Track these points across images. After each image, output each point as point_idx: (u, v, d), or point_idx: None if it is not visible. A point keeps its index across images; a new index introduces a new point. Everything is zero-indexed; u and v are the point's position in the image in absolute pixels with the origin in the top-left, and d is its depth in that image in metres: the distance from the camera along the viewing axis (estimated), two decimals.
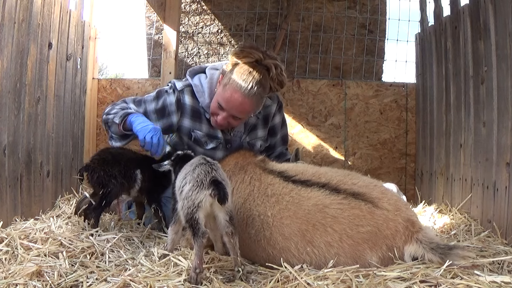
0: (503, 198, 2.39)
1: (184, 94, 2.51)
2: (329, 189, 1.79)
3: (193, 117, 2.52)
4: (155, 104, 2.50)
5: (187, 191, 1.66)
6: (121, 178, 2.24)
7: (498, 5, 2.51)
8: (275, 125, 2.74)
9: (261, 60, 2.34)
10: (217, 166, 1.74)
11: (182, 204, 1.68)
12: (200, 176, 1.66)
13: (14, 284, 1.54)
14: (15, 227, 2.22)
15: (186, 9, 4.31)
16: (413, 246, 1.68)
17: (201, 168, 1.69)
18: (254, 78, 2.29)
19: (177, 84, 2.53)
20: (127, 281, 1.56)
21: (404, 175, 4.03)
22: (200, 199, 1.63)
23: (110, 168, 2.23)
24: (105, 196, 2.20)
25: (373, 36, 4.30)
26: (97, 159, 2.28)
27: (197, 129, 2.53)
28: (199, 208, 1.62)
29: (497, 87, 2.53)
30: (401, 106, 4.05)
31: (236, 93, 2.29)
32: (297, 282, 1.55)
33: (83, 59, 3.64)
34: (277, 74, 2.37)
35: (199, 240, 1.60)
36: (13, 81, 2.48)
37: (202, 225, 1.62)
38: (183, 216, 1.68)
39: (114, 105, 2.50)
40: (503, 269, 1.78)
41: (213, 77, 2.51)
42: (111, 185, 2.20)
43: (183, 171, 1.78)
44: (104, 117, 2.47)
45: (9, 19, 2.40)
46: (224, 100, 2.33)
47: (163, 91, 2.53)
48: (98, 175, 2.21)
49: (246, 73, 2.29)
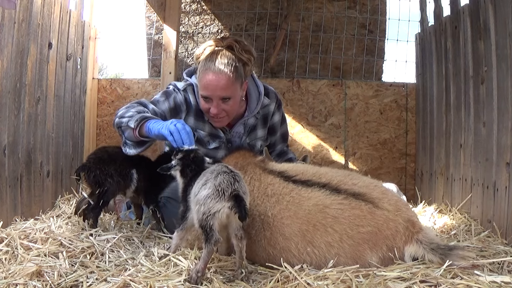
0: (503, 198, 2.39)
1: (188, 93, 2.50)
2: (329, 189, 1.79)
3: (197, 116, 2.51)
4: (168, 103, 2.44)
5: (205, 196, 1.60)
6: (117, 176, 2.24)
7: (498, 5, 2.51)
8: (275, 123, 2.74)
9: (219, 42, 2.39)
10: (239, 177, 1.68)
11: (197, 208, 1.63)
12: (222, 186, 1.59)
13: (14, 284, 1.54)
14: (15, 227, 2.21)
15: (186, 9, 4.31)
16: (413, 246, 1.68)
17: (223, 176, 1.63)
18: (219, 54, 2.31)
19: (179, 84, 2.53)
20: (127, 281, 1.56)
21: (404, 175, 4.03)
22: (217, 208, 1.58)
23: (106, 167, 2.22)
24: (102, 195, 2.19)
25: (373, 36, 4.30)
26: (93, 158, 2.28)
27: (200, 129, 2.52)
28: (215, 217, 1.58)
29: (497, 87, 2.53)
30: (401, 106, 4.05)
31: (208, 74, 2.30)
32: (297, 282, 1.54)
33: (83, 59, 3.64)
34: (241, 47, 2.39)
35: (210, 246, 1.57)
36: (13, 81, 2.48)
37: (216, 232, 1.58)
38: (196, 220, 1.64)
39: (129, 108, 2.29)
40: (503, 269, 1.78)
41: None
42: (107, 184, 2.20)
43: (202, 177, 1.70)
44: (116, 120, 2.24)
45: (9, 19, 2.40)
46: (203, 88, 2.33)
47: (171, 91, 2.50)
48: (94, 174, 2.20)
49: (209, 55, 2.33)
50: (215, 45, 2.38)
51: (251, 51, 2.44)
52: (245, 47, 2.42)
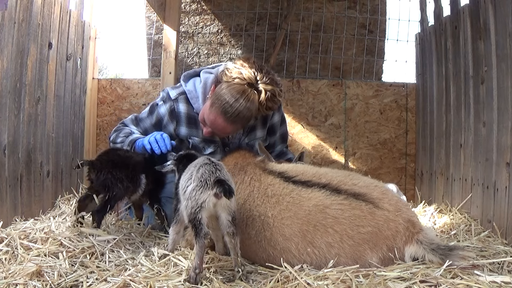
0: (503, 198, 2.39)
1: (178, 102, 2.52)
2: (329, 189, 1.79)
3: (189, 124, 2.54)
4: (150, 119, 2.57)
5: (190, 190, 1.66)
6: (127, 182, 2.18)
7: (498, 5, 2.51)
8: (274, 123, 2.73)
9: (254, 83, 2.29)
10: (221, 166, 1.74)
11: (185, 204, 1.68)
12: (204, 176, 1.65)
13: (14, 284, 1.54)
14: (15, 227, 2.21)
15: (186, 9, 4.31)
16: (413, 246, 1.68)
17: (205, 168, 1.69)
18: (241, 105, 2.25)
19: (171, 92, 2.54)
20: (127, 281, 1.56)
21: (404, 175, 4.03)
22: (204, 199, 1.62)
23: (118, 172, 2.14)
24: (110, 200, 2.12)
25: (373, 36, 4.30)
26: (105, 160, 2.19)
27: (193, 136, 2.54)
28: (203, 208, 1.62)
29: (497, 87, 2.53)
30: (401, 106, 4.05)
31: (220, 117, 2.28)
32: (297, 282, 1.55)
33: (83, 59, 3.64)
34: (267, 100, 2.31)
35: (201, 241, 1.60)
36: (13, 81, 2.48)
37: (205, 225, 1.62)
38: (186, 215, 1.69)
39: (118, 132, 2.56)
40: (503, 269, 1.78)
41: (207, 81, 2.49)
42: (116, 188, 2.12)
43: (187, 171, 1.78)
44: (111, 145, 2.56)
45: (9, 19, 2.40)
46: (208, 120, 2.34)
47: (155, 105, 2.58)
48: (105, 177, 2.12)
49: (234, 99, 2.24)
50: (247, 84, 2.28)
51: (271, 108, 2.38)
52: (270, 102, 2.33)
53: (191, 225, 1.64)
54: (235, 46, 4.34)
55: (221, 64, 2.59)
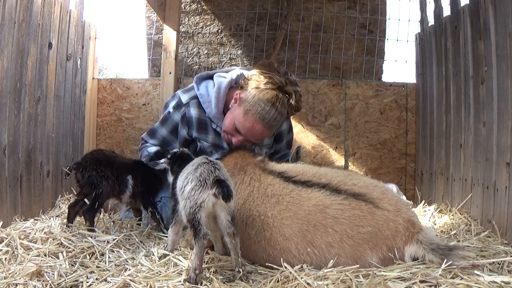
0: (503, 198, 2.39)
1: (190, 107, 2.52)
2: (329, 189, 1.79)
3: (199, 129, 2.54)
4: (166, 127, 2.60)
5: (189, 190, 1.64)
6: (113, 180, 2.22)
7: (498, 5, 2.51)
8: (282, 131, 2.74)
9: (283, 86, 2.33)
10: (220, 165, 1.73)
11: (184, 204, 1.66)
12: (203, 175, 1.64)
13: (14, 284, 1.54)
14: (15, 227, 2.21)
15: (186, 9, 4.31)
16: (413, 246, 1.68)
17: (203, 167, 1.67)
18: (277, 109, 2.31)
19: (183, 97, 2.55)
20: (127, 281, 1.56)
21: (404, 175, 4.03)
22: (203, 198, 1.61)
23: (103, 168, 2.20)
24: (97, 197, 2.16)
25: (373, 36, 4.30)
26: (89, 158, 2.24)
27: (203, 139, 2.54)
28: (202, 208, 1.61)
29: (497, 87, 2.53)
30: (401, 106, 4.05)
31: (258, 124, 2.31)
32: (297, 282, 1.55)
33: (83, 59, 3.64)
34: (296, 101, 2.38)
35: (200, 241, 1.59)
36: (13, 81, 2.48)
37: (204, 226, 1.61)
38: (184, 216, 1.68)
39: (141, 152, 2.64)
40: (503, 269, 1.78)
41: (221, 86, 2.49)
42: (102, 186, 2.17)
43: (185, 170, 1.76)
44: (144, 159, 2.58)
45: (9, 19, 2.40)
46: (244, 128, 2.34)
47: (167, 113, 2.59)
48: (90, 174, 2.16)
49: (270, 104, 2.29)
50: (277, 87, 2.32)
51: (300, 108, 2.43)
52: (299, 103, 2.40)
53: (190, 226, 1.63)
54: (235, 46, 4.34)
55: (234, 68, 2.62)
